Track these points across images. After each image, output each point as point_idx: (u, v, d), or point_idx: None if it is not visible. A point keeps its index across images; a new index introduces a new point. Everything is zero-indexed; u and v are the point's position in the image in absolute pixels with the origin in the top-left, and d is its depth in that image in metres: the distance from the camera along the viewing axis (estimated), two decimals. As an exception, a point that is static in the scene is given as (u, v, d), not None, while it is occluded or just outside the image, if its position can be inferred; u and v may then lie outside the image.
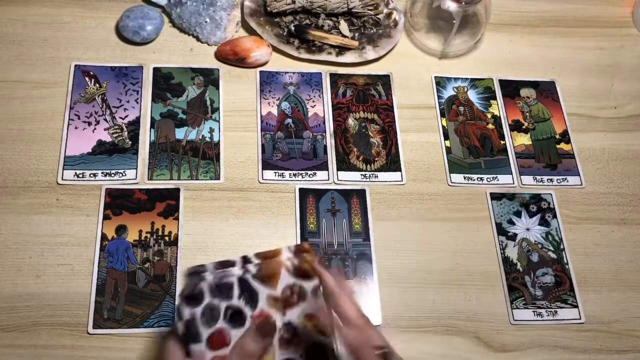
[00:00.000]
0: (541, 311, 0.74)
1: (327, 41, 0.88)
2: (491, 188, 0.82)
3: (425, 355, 0.70)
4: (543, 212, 0.81)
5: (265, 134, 0.82)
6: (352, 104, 0.86)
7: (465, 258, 0.76)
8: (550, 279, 0.76)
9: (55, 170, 0.75)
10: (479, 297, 0.74)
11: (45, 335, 0.66)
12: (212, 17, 0.86)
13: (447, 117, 0.86)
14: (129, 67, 0.84)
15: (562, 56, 0.95)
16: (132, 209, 0.74)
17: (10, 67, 0.82)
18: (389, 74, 0.89)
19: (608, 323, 0.74)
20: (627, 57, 0.96)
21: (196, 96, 0.83)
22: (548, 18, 0.98)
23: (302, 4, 0.89)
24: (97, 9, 0.88)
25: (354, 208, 0.78)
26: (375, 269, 0.74)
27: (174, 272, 0.71)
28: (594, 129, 0.89)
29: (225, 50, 0.85)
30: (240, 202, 0.77)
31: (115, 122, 0.80)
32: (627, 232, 0.81)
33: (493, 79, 0.91)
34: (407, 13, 0.93)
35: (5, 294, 0.68)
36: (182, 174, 0.77)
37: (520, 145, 0.86)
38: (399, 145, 0.83)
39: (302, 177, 0.79)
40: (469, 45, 0.92)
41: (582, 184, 0.84)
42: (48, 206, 0.73)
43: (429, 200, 0.80)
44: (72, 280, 0.69)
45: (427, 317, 0.72)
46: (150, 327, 0.68)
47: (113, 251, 0.71)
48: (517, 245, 0.78)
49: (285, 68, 0.87)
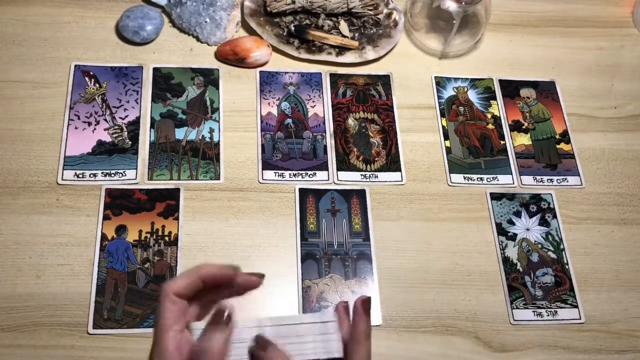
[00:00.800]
0: (541, 311, 0.74)
1: (327, 41, 0.88)
2: (491, 188, 0.82)
3: (425, 355, 0.70)
4: (543, 212, 0.81)
5: (265, 134, 0.82)
6: (352, 104, 0.86)
7: (465, 258, 0.76)
8: (550, 279, 0.76)
9: (55, 171, 0.75)
10: (479, 297, 0.74)
11: (45, 335, 0.66)
12: (212, 17, 0.86)
13: (447, 117, 0.86)
14: (129, 67, 0.84)
15: (562, 56, 0.95)
16: (132, 209, 0.74)
17: (10, 67, 0.82)
18: (389, 74, 0.89)
19: (608, 323, 0.74)
20: (627, 57, 0.96)
21: (196, 96, 0.83)
22: (548, 18, 0.98)
23: (302, 4, 0.89)
24: (97, 9, 0.88)
25: (354, 208, 0.78)
26: (375, 269, 0.74)
27: (174, 272, 0.71)
28: (594, 129, 0.89)
29: (225, 50, 0.86)
30: (240, 202, 0.77)
31: (115, 122, 0.80)
32: (627, 232, 0.81)
33: (493, 79, 0.91)
34: (407, 13, 0.93)
35: (5, 294, 0.68)
36: (182, 174, 0.77)
37: (520, 146, 0.86)
38: (399, 145, 0.83)
39: (302, 177, 0.79)
40: (469, 45, 0.92)
41: (582, 184, 0.84)
42: (48, 206, 0.73)
43: (429, 200, 0.80)
44: (72, 280, 0.69)
45: (427, 317, 0.72)
46: (150, 327, 0.68)
47: (113, 251, 0.71)
48: (517, 245, 0.78)
49: (285, 68, 0.87)
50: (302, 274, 0.73)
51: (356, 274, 0.74)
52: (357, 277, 0.73)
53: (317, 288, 0.72)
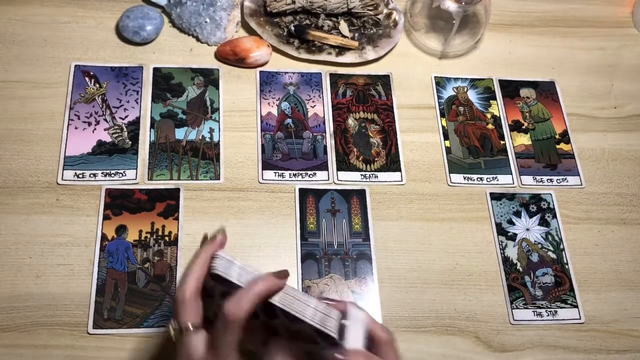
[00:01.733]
0: (541, 311, 0.74)
1: (327, 41, 0.88)
2: (491, 188, 0.82)
3: (425, 355, 0.70)
4: (543, 212, 0.81)
5: (265, 134, 0.82)
6: (352, 104, 0.86)
7: (465, 258, 0.76)
8: (550, 279, 0.76)
9: (55, 171, 0.75)
10: (479, 297, 0.74)
11: (45, 335, 0.66)
12: (212, 17, 0.86)
13: (447, 117, 0.86)
14: (129, 67, 0.84)
15: (562, 56, 0.95)
16: (132, 209, 0.74)
17: (10, 67, 0.82)
18: (388, 74, 0.89)
19: (608, 323, 0.74)
20: (627, 57, 0.96)
21: (196, 96, 0.83)
22: (548, 18, 0.98)
23: (302, 4, 0.89)
24: (97, 9, 0.88)
25: (354, 208, 0.78)
26: (375, 268, 0.74)
27: (174, 272, 0.71)
28: (594, 129, 0.89)
29: (225, 50, 0.86)
30: (240, 202, 0.77)
31: (115, 122, 0.80)
32: (627, 232, 0.81)
33: (493, 79, 0.91)
34: (407, 13, 0.93)
35: (5, 294, 0.68)
36: (182, 174, 0.77)
37: (520, 146, 0.86)
38: (399, 145, 0.83)
39: (302, 177, 0.79)
40: (469, 45, 0.92)
41: (582, 184, 0.84)
42: (48, 206, 0.73)
43: (429, 200, 0.80)
44: (72, 281, 0.69)
45: (426, 317, 0.72)
46: (150, 327, 0.68)
47: (113, 251, 0.71)
48: (517, 245, 0.78)
49: (285, 68, 0.87)
50: (302, 274, 0.73)
51: (356, 274, 0.74)
52: (357, 277, 0.73)
53: (317, 288, 0.72)
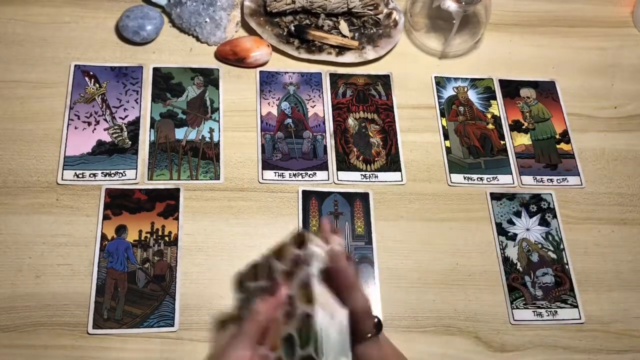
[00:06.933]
0: (541, 311, 0.74)
1: (327, 41, 0.88)
2: (491, 188, 0.82)
3: (425, 356, 0.70)
4: (543, 212, 0.81)
5: (265, 134, 0.82)
6: (352, 104, 0.86)
7: (465, 258, 0.76)
8: (550, 279, 0.76)
9: (55, 170, 0.75)
10: (479, 297, 0.74)
11: (45, 335, 0.66)
12: (212, 17, 0.86)
13: (447, 117, 0.86)
14: (129, 67, 0.84)
15: (562, 56, 0.95)
16: (132, 209, 0.74)
17: (10, 67, 0.82)
18: (388, 74, 0.89)
19: (608, 323, 0.74)
20: (627, 57, 0.96)
21: (196, 96, 0.83)
22: (548, 18, 0.98)
23: (302, 4, 0.89)
24: (97, 9, 0.88)
25: (357, 211, 0.78)
26: (376, 269, 0.74)
27: (173, 272, 0.71)
28: (594, 129, 0.89)
29: (225, 50, 0.85)
30: (240, 202, 0.76)
31: (115, 122, 0.80)
32: (627, 232, 0.81)
33: (493, 79, 0.91)
34: (407, 13, 0.93)
35: (5, 294, 0.68)
36: (182, 174, 0.77)
37: (520, 145, 0.86)
38: (399, 145, 0.83)
39: (302, 177, 0.79)
40: (469, 45, 0.92)
41: (582, 184, 0.84)
42: (48, 206, 0.73)
43: (429, 200, 0.80)
44: (72, 281, 0.69)
45: (427, 317, 0.72)
46: (150, 327, 0.68)
47: (113, 251, 0.71)
48: (517, 245, 0.78)
49: (285, 68, 0.87)
50: (302, 274, 0.73)
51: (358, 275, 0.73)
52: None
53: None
